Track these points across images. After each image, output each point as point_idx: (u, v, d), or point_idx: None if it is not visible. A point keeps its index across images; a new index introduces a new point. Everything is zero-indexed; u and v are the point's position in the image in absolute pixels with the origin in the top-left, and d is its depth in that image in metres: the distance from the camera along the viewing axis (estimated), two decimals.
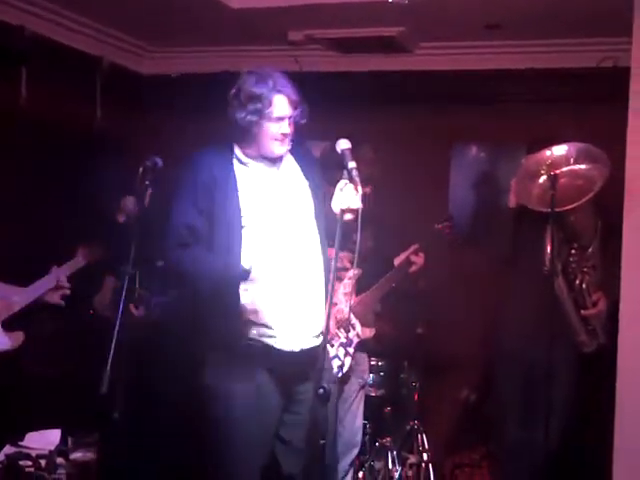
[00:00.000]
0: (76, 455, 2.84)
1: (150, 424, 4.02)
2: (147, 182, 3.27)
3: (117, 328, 2.99)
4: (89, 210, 4.54)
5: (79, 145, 5.15)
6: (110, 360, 2.91)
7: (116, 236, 3.59)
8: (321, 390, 2.77)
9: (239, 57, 5.66)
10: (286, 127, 3.08)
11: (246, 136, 3.10)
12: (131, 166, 3.45)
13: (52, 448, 3.11)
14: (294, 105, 3.08)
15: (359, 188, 2.96)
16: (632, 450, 3.68)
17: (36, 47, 4.85)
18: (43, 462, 3.06)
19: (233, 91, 3.10)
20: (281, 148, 3.12)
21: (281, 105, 3.05)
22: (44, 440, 3.18)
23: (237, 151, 3.15)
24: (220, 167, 3.10)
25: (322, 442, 2.88)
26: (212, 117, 5.46)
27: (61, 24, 5.03)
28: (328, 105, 4.35)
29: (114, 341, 2.95)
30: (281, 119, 3.06)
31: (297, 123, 3.13)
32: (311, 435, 3.08)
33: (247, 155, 3.15)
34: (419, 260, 4.12)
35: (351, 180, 2.95)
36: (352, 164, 2.95)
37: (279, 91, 3.05)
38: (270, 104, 3.02)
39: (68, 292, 3.91)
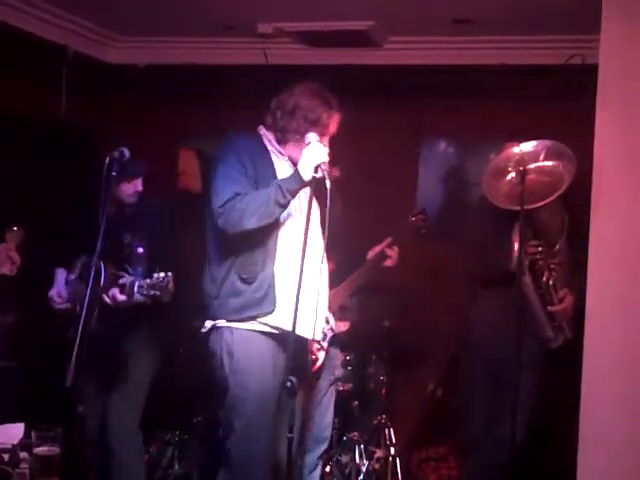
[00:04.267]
0: (40, 449, 2.78)
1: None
2: (114, 173, 3.25)
3: (82, 320, 2.96)
4: (53, 202, 4.49)
5: (44, 135, 5.08)
6: (75, 353, 2.87)
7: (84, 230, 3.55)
8: (288, 383, 2.76)
9: (208, 49, 5.64)
10: (326, 145, 3.17)
11: (288, 139, 3.20)
12: (97, 157, 3.41)
13: (15, 442, 3.05)
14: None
15: (328, 182, 3.00)
16: (597, 443, 3.71)
17: None
18: (6, 456, 3.00)
19: (293, 98, 3.20)
20: None
21: (335, 122, 3.24)
22: (7, 434, 3.12)
23: (275, 144, 3.24)
24: (257, 151, 3.19)
25: (289, 436, 2.85)
26: (180, 108, 5.52)
27: (25, 11, 4.94)
28: None
29: (79, 333, 2.91)
30: (329, 134, 3.22)
31: None
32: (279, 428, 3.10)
33: (281, 149, 3.26)
34: (393, 254, 4.12)
35: (321, 173, 3.02)
36: None
37: (338, 110, 3.24)
38: (330, 117, 3.20)
39: (18, 263, 3.88)
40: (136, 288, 3.53)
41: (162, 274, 3.45)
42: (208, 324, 3.23)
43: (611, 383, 3.71)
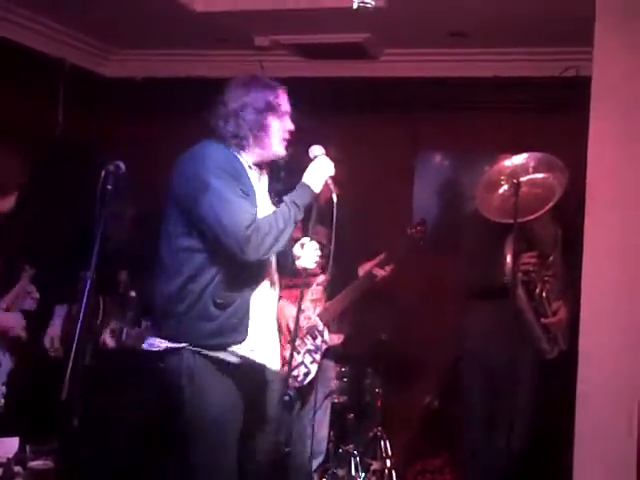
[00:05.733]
0: (34, 463, 2.79)
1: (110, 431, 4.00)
2: (109, 186, 3.25)
3: (77, 335, 2.95)
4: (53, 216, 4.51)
5: (41, 149, 5.08)
6: (70, 367, 2.87)
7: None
8: (287, 397, 2.77)
9: (204, 62, 5.67)
10: (290, 124, 3.04)
11: (247, 141, 2.99)
12: (94, 170, 3.41)
13: (10, 456, 3.06)
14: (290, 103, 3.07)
15: (334, 196, 2.99)
16: (592, 454, 3.73)
17: None
18: (0, 471, 3.02)
19: (234, 94, 3.00)
20: (283, 149, 3.05)
21: (285, 100, 3.04)
22: (1, 448, 3.14)
23: (244, 155, 3.03)
24: (237, 163, 2.99)
25: (287, 450, 2.86)
26: (176, 121, 5.52)
27: (23, 25, 4.97)
28: (293, 111, 4.36)
29: (74, 347, 2.91)
30: (286, 113, 3.03)
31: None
32: (276, 443, 3.07)
33: (250, 160, 3.06)
34: (382, 273, 4.14)
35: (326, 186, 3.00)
36: None
37: (281, 88, 3.05)
38: (277, 98, 3.00)
39: (38, 296, 3.90)
40: (124, 336, 3.49)
41: (148, 323, 3.40)
42: (161, 344, 2.95)
43: (606, 393, 3.72)
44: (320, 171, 3.03)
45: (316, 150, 3.06)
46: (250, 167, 3.04)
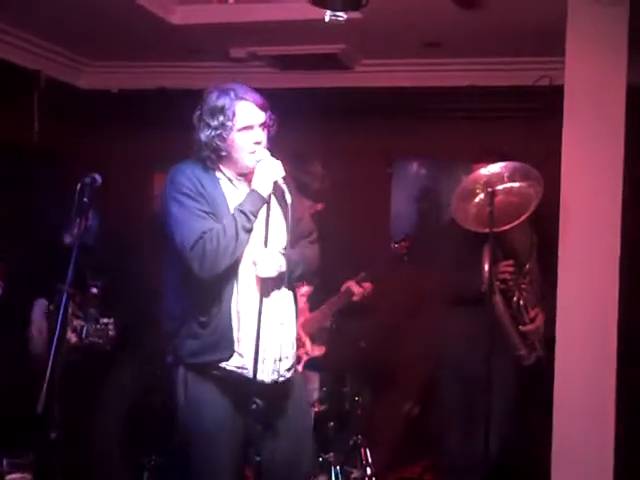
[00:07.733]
0: (11, 477, 2.78)
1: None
2: (85, 199, 3.25)
3: (54, 347, 2.95)
4: (26, 227, 4.48)
5: (16, 161, 5.06)
6: (47, 380, 2.87)
7: (56, 256, 3.52)
8: (254, 405, 2.75)
9: (180, 73, 5.67)
10: (258, 135, 2.93)
11: (220, 156, 2.93)
12: (70, 183, 3.41)
13: None
14: (262, 109, 2.94)
15: (288, 197, 2.88)
16: (569, 458, 3.77)
17: None
18: None
19: (197, 112, 2.95)
20: (252, 161, 2.94)
21: (246, 112, 2.91)
22: None
23: (223, 168, 2.99)
24: (208, 182, 2.94)
25: (257, 459, 2.84)
26: (153, 132, 5.52)
27: None
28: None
29: (51, 360, 2.90)
30: (249, 127, 2.91)
31: (269, 131, 2.98)
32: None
33: (232, 174, 3.01)
34: (360, 291, 4.14)
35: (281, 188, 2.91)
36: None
37: (242, 98, 2.91)
38: (234, 114, 2.89)
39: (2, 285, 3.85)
40: (84, 333, 3.48)
41: (105, 320, 3.40)
42: (170, 358, 3.04)
43: (582, 398, 3.77)
44: (265, 174, 2.90)
45: (262, 153, 2.93)
46: (231, 180, 3.00)
